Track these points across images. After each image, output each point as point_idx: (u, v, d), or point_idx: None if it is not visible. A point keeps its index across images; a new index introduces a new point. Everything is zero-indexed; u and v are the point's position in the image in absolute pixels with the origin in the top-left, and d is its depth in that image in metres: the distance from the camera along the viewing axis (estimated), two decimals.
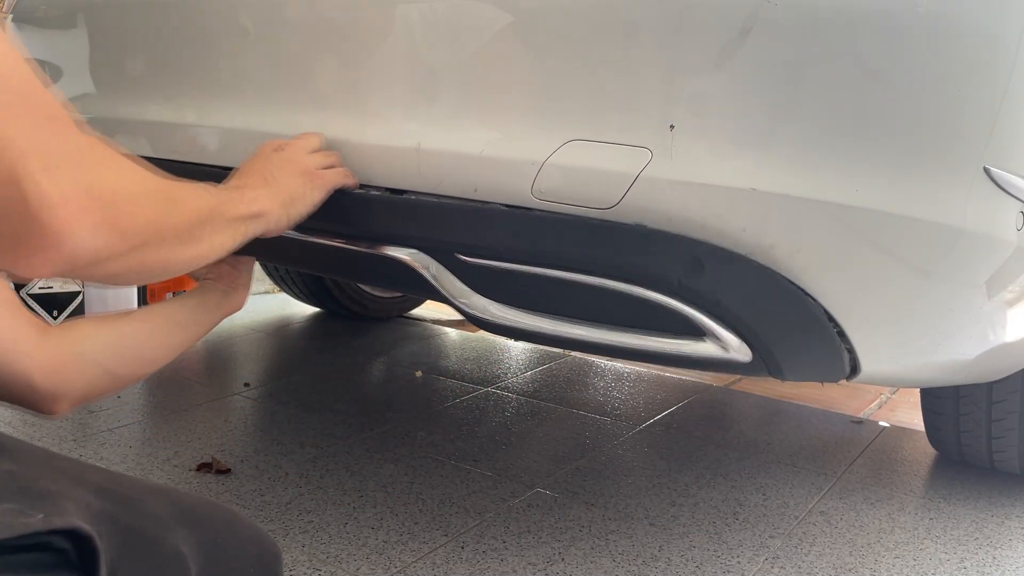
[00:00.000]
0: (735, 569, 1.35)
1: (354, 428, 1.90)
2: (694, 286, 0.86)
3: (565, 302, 0.94)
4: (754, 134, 0.83)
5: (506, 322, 0.97)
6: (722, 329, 0.87)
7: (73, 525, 0.51)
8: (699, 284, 0.86)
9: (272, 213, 0.88)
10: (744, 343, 0.88)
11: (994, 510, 1.61)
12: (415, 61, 0.99)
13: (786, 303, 0.88)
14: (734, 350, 0.89)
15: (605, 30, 0.86)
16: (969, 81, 0.85)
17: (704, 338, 0.89)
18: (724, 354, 0.89)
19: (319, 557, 1.33)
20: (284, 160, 0.94)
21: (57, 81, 1.44)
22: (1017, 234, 0.95)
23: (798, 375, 0.93)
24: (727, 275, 0.86)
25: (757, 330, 0.88)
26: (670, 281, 0.86)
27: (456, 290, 0.98)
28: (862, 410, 2.23)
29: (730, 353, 0.89)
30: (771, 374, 0.92)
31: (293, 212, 0.91)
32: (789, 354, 0.91)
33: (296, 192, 0.92)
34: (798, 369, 0.92)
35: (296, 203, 0.92)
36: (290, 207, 0.91)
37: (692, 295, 0.86)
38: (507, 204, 0.93)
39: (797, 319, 0.89)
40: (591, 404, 2.15)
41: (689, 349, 0.90)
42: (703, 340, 0.89)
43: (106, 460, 1.67)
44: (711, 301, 0.86)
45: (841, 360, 0.93)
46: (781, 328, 0.89)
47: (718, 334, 0.88)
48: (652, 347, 0.91)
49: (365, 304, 2.94)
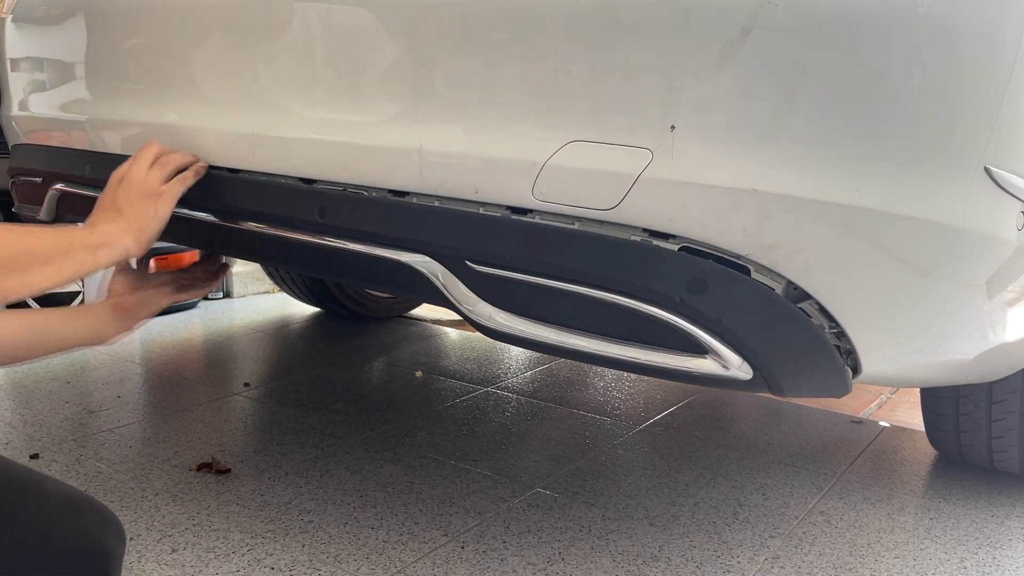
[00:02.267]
0: (735, 569, 1.35)
1: (354, 428, 1.90)
2: (696, 304, 0.86)
3: (571, 313, 0.94)
4: (755, 134, 0.83)
5: (511, 331, 0.98)
6: (723, 347, 0.88)
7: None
8: (701, 303, 0.86)
9: (120, 241, 1.01)
10: (745, 361, 0.89)
11: (994, 510, 1.62)
12: (415, 61, 0.99)
13: (788, 323, 0.88)
14: (735, 368, 0.89)
15: (606, 31, 0.86)
16: (969, 81, 0.85)
17: (706, 355, 0.89)
18: (725, 372, 0.89)
19: (319, 557, 1.33)
20: (126, 188, 1.07)
21: (56, 80, 1.44)
22: (1017, 234, 0.95)
23: (798, 392, 0.94)
24: (730, 294, 0.86)
25: (758, 349, 0.88)
26: (672, 298, 0.87)
27: (463, 297, 0.99)
28: (862, 410, 2.23)
29: (731, 371, 0.89)
30: (771, 391, 0.92)
31: (144, 236, 1.04)
32: (790, 373, 0.91)
33: (144, 216, 1.05)
34: (799, 387, 0.93)
35: (147, 226, 1.05)
36: (140, 233, 1.04)
37: (694, 313, 0.87)
38: (509, 206, 0.93)
39: (799, 339, 0.89)
40: (591, 404, 2.15)
41: (690, 365, 0.90)
42: (704, 357, 0.89)
43: (106, 460, 1.67)
44: (713, 320, 0.86)
45: (843, 377, 0.93)
46: (782, 348, 0.89)
47: (719, 352, 0.88)
48: (654, 362, 0.92)
49: (365, 304, 2.94)
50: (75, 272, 0.94)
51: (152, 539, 1.37)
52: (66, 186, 1.44)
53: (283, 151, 1.11)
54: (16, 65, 1.53)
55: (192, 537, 1.38)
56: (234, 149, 1.16)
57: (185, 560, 1.31)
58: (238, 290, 3.38)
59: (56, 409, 1.96)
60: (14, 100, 1.55)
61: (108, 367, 2.33)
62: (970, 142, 0.87)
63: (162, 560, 1.30)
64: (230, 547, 1.35)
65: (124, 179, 1.08)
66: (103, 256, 0.99)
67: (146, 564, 1.29)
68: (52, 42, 1.44)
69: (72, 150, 1.42)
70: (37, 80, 1.49)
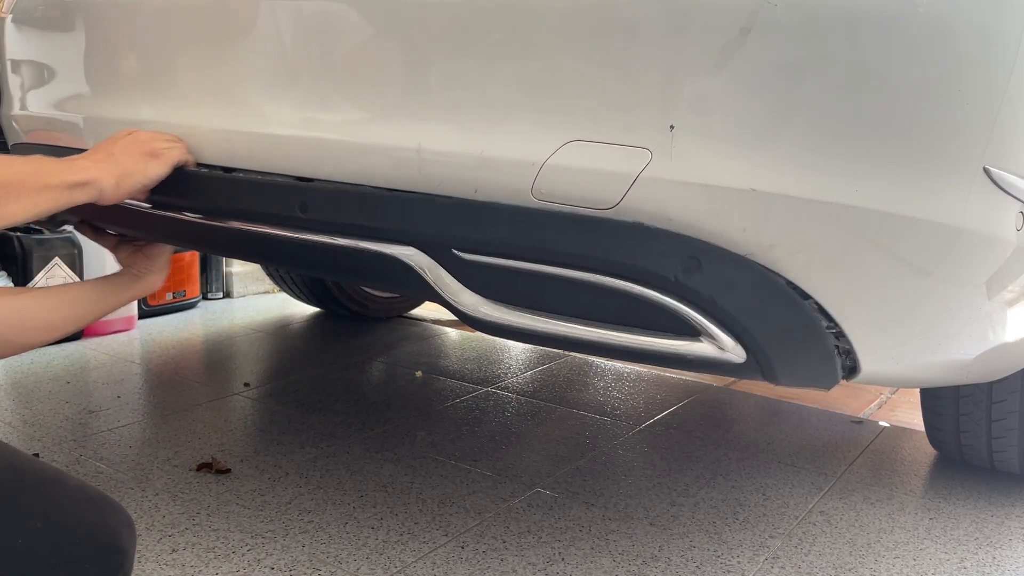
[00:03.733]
0: (735, 569, 1.35)
1: (354, 428, 1.90)
2: (690, 284, 0.86)
3: (560, 299, 0.94)
4: (754, 134, 0.83)
5: (499, 321, 0.97)
6: (717, 328, 0.87)
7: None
8: (695, 282, 0.86)
9: (100, 182, 1.01)
10: (738, 343, 0.88)
11: (994, 510, 1.61)
12: (415, 62, 0.99)
13: (781, 304, 0.88)
14: (728, 350, 0.89)
15: (605, 30, 0.86)
16: (969, 81, 0.85)
17: (699, 338, 0.89)
18: (719, 354, 0.89)
19: (319, 557, 1.33)
20: (130, 141, 1.10)
21: (56, 80, 1.44)
22: (1017, 234, 0.95)
23: (791, 379, 0.93)
24: (723, 274, 0.86)
25: (752, 330, 0.87)
26: (666, 279, 0.86)
27: (450, 289, 0.98)
28: (862, 410, 2.23)
29: (724, 353, 0.89)
30: (764, 376, 0.92)
31: (126, 183, 1.05)
32: (782, 356, 0.91)
33: (132, 167, 1.07)
34: (791, 372, 0.92)
35: (130, 176, 1.06)
36: (123, 179, 1.05)
37: (688, 293, 0.86)
38: (507, 203, 0.93)
39: (791, 321, 0.89)
40: (591, 404, 2.15)
41: (684, 349, 0.90)
42: (699, 340, 0.89)
43: (106, 460, 1.67)
44: (707, 300, 0.86)
45: (834, 365, 0.92)
46: (775, 329, 0.89)
47: (713, 333, 0.88)
48: (647, 346, 0.91)
49: (365, 304, 2.94)
50: (49, 208, 0.96)
51: (152, 539, 1.37)
52: None
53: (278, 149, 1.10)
54: (16, 65, 1.53)
55: (192, 537, 1.38)
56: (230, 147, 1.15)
57: (185, 560, 1.31)
58: (238, 290, 3.39)
59: (56, 409, 1.96)
60: (14, 99, 1.55)
61: (108, 367, 2.33)
62: (970, 142, 0.87)
63: (162, 560, 1.30)
64: (230, 547, 1.35)
65: (133, 133, 1.12)
66: (79, 195, 1.00)
67: (146, 564, 1.29)
68: (52, 42, 1.44)
69: (72, 150, 1.42)
70: (37, 79, 1.49)
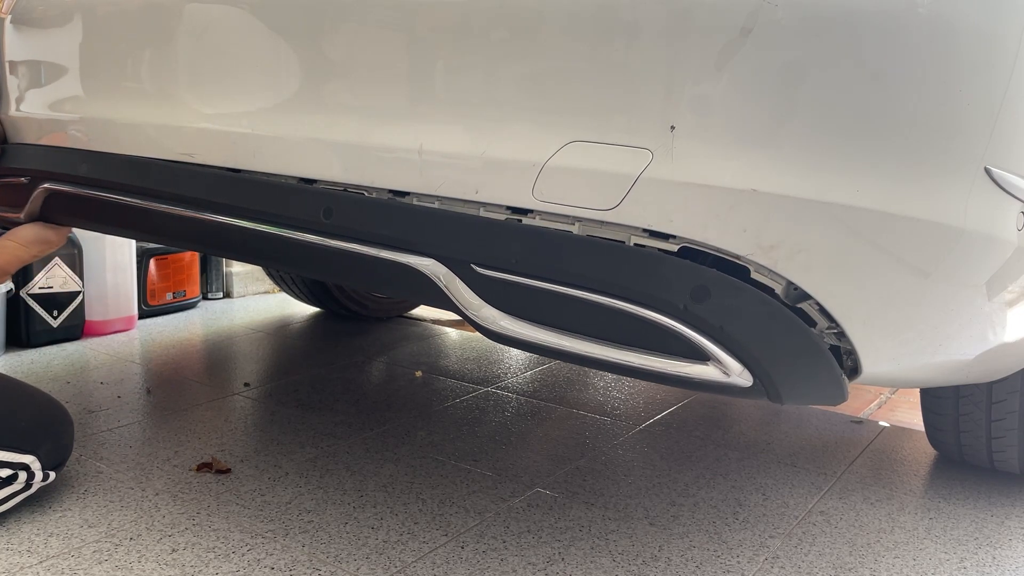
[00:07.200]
0: (735, 569, 1.35)
1: (354, 428, 1.90)
2: (699, 312, 0.86)
3: (574, 318, 0.94)
4: (755, 135, 0.83)
5: (514, 335, 0.98)
6: (725, 354, 0.88)
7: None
8: (704, 310, 0.86)
9: None
10: (746, 369, 0.89)
11: (994, 510, 1.62)
12: (415, 63, 0.99)
13: (790, 333, 0.88)
14: (735, 375, 0.89)
15: (606, 30, 0.86)
16: (969, 81, 0.85)
17: (707, 362, 0.89)
18: (725, 379, 0.90)
19: (319, 557, 1.33)
20: None
21: (55, 80, 1.44)
22: (1017, 234, 0.95)
23: (796, 400, 0.94)
24: (732, 303, 0.86)
25: (760, 357, 0.88)
26: (676, 305, 0.87)
27: (467, 302, 0.99)
28: (862, 410, 2.23)
29: (731, 378, 0.89)
30: (770, 399, 0.93)
31: None
32: (789, 381, 0.91)
33: None
34: (797, 395, 0.93)
35: None
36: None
37: (697, 320, 0.87)
38: (509, 207, 0.93)
39: (800, 349, 0.89)
40: (591, 404, 2.15)
41: (692, 371, 0.90)
42: (706, 364, 0.90)
43: (106, 460, 1.67)
44: (715, 327, 0.87)
45: (840, 387, 0.93)
46: (784, 357, 0.89)
47: (721, 359, 0.88)
48: (655, 367, 0.92)
49: (365, 304, 2.94)
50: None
51: (152, 539, 1.37)
52: (60, 184, 1.44)
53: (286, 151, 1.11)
54: (15, 65, 1.53)
55: (192, 537, 1.38)
56: (233, 148, 1.15)
57: (185, 560, 1.31)
58: (238, 290, 3.38)
59: None
60: (11, 100, 1.55)
61: (108, 367, 2.33)
62: (970, 142, 0.87)
63: (162, 560, 1.30)
64: (230, 547, 1.35)
65: None
66: None
67: (146, 564, 1.29)
68: (51, 42, 1.44)
69: (73, 150, 1.42)
70: (36, 80, 1.49)
